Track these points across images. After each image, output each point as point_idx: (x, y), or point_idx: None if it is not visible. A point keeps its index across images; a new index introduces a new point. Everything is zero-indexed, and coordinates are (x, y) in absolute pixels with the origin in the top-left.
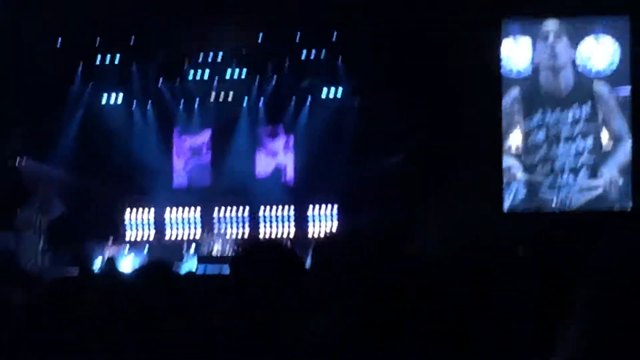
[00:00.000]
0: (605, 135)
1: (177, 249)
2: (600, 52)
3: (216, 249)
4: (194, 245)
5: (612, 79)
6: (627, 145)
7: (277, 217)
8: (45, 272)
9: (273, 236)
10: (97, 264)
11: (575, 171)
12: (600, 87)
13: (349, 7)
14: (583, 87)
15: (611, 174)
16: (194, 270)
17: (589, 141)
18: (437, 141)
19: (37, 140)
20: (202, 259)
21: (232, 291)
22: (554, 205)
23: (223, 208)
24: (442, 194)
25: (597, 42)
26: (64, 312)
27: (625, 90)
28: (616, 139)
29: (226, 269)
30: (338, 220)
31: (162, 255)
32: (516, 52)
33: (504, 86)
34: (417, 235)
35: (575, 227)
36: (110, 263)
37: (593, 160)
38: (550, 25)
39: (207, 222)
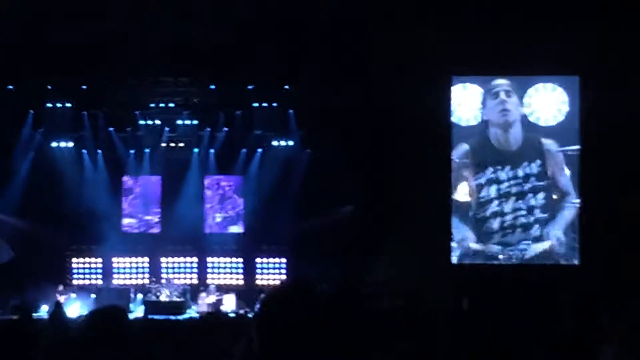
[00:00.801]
0: (553, 192)
1: (124, 294)
2: (548, 101)
3: (164, 295)
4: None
5: (560, 135)
6: (574, 202)
7: (225, 266)
8: None
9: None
10: (45, 309)
11: (524, 226)
12: (549, 144)
13: (301, 60)
14: (532, 144)
15: (559, 230)
16: (141, 315)
17: (539, 198)
18: (386, 194)
19: None
20: (149, 305)
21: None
22: (501, 258)
23: (171, 257)
24: (391, 246)
25: (546, 90)
26: (7, 356)
27: (574, 149)
28: (564, 196)
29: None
30: (286, 272)
31: (110, 301)
32: (465, 102)
33: (453, 139)
34: (365, 287)
35: (521, 279)
36: (58, 308)
37: (541, 216)
38: (500, 82)
39: (154, 269)
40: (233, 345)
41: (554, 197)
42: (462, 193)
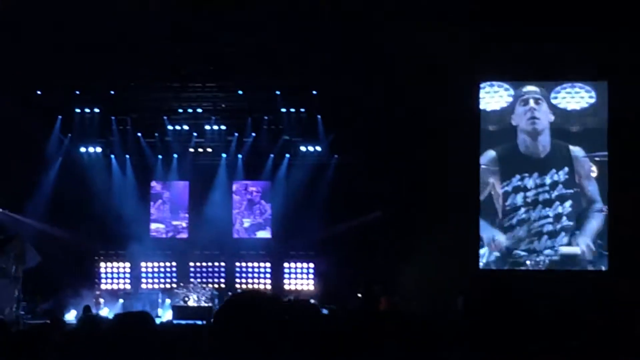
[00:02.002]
0: (581, 200)
1: (152, 299)
2: (577, 97)
3: (192, 300)
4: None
5: (589, 141)
6: (603, 208)
7: (253, 271)
8: (21, 321)
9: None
10: (73, 314)
11: (550, 234)
12: (577, 151)
13: (329, 65)
14: (560, 151)
15: (586, 237)
16: (169, 320)
17: (566, 205)
18: (415, 200)
19: (13, 190)
20: (177, 310)
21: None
22: (528, 264)
23: (199, 261)
24: (419, 251)
25: (574, 91)
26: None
27: (602, 154)
28: (591, 203)
29: (199, 320)
30: (314, 276)
31: (138, 306)
32: (496, 103)
33: (482, 144)
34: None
35: (548, 286)
36: (87, 312)
37: (568, 224)
38: (530, 89)
39: (183, 274)
40: None
41: (583, 204)
42: (490, 199)
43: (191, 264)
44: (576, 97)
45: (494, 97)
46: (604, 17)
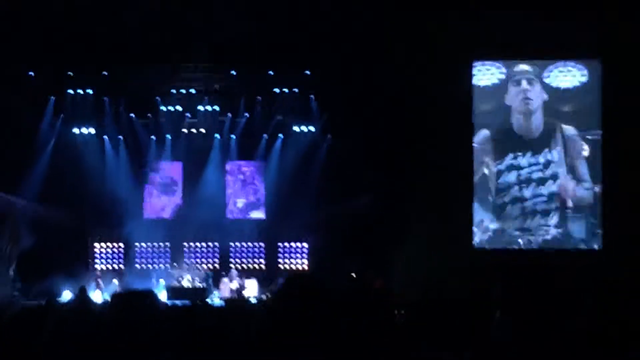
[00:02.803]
0: (573, 178)
1: (146, 279)
2: (570, 75)
3: (186, 281)
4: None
5: (582, 120)
6: (594, 187)
7: (247, 251)
8: (15, 302)
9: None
10: (67, 294)
11: (543, 212)
12: (569, 131)
13: (322, 45)
14: (553, 130)
15: (578, 215)
16: (164, 300)
17: (557, 183)
18: (408, 180)
19: (7, 171)
20: (171, 290)
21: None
22: (521, 242)
23: (193, 242)
24: (413, 232)
25: (567, 70)
26: (32, 341)
27: (596, 134)
28: (579, 182)
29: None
30: (308, 257)
31: (132, 286)
32: (489, 83)
33: (475, 123)
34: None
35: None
36: (82, 293)
37: (560, 202)
38: (523, 68)
39: (177, 254)
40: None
41: (574, 183)
42: (483, 178)
43: (185, 244)
44: (569, 75)
45: (486, 74)
46: None
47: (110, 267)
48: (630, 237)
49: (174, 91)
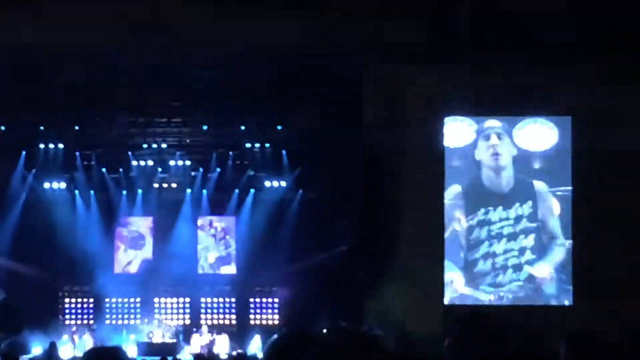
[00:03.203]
0: (543, 234)
1: (116, 335)
2: (541, 137)
3: (157, 336)
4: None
5: (552, 176)
6: (565, 243)
7: (218, 307)
8: None
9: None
10: (37, 350)
11: (515, 267)
12: (540, 186)
13: (294, 101)
14: (524, 185)
15: (548, 271)
16: (134, 356)
17: (530, 238)
18: (379, 234)
19: None
20: (142, 346)
21: None
22: (492, 299)
23: (164, 297)
24: (384, 286)
25: (537, 125)
26: None
27: (566, 189)
28: (552, 238)
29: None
30: (279, 311)
31: (102, 341)
32: (459, 135)
33: (446, 178)
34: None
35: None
36: (52, 349)
37: (532, 257)
38: (492, 124)
39: (147, 310)
40: None
41: (544, 238)
42: (454, 234)
43: (155, 299)
44: (539, 135)
45: (457, 132)
46: (567, 53)
47: (80, 322)
48: (600, 292)
49: (145, 146)
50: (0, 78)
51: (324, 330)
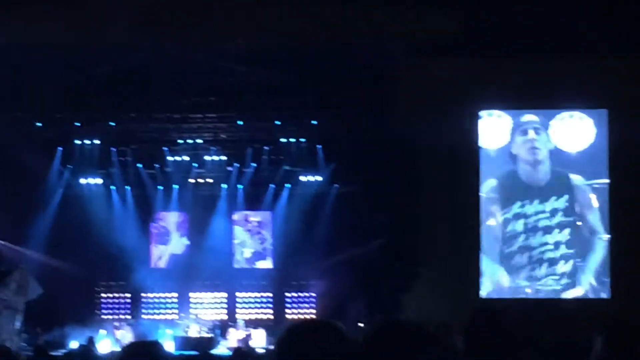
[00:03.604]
0: (583, 229)
1: (154, 330)
2: (577, 131)
3: (193, 331)
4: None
5: (589, 169)
6: (602, 236)
7: (254, 302)
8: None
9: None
10: (75, 344)
11: (550, 261)
12: (577, 180)
13: (329, 95)
14: (560, 179)
15: (589, 273)
16: (172, 351)
17: (565, 233)
18: (415, 228)
19: (15, 222)
20: (178, 340)
21: None
22: (529, 292)
23: (200, 292)
24: (420, 281)
25: (572, 119)
26: None
27: (603, 182)
28: (592, 232)
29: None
30: (315, 306)
31: (139, 337)
32: (496, 131)
33: (482, 172)
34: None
35: (548, 313)
36: (90, 343)
37: (567, 252)
38: (529, 118)
39: (183, 305)
40: None
41: (584, 234)
42: (490, 227)
43: (192, 294)
44: (576, 130)
45: (493, 130)
46: (603, 44)
47: (117, 317)
48: (638, 286)
49: (181, 141)
50: (37, 75)
51: (360, 324)
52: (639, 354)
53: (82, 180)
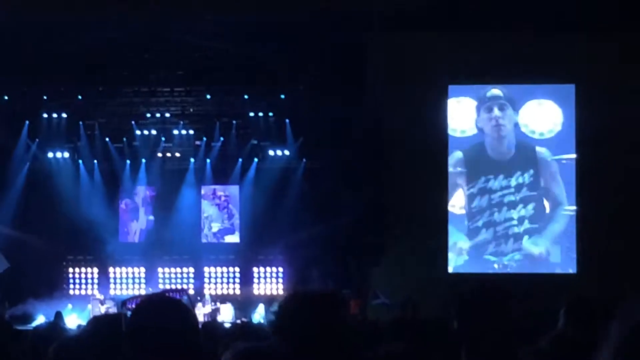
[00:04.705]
0: (546, 201)
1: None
2: (543, 116)
3: None
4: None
5: (554, 143)
6: (567, 210)
7: (221, 276)
8: None
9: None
10: (41, 319)
11: (515, 236)
12: (543, 153)
13: (298, 69)
14: (526, 153)
15: (551, 239)
16: None
17: (529, 208)
18: (383, 204)
19: None
20: None
21: None
22: (496, 267)
23: (168, 267)
24: (388, 256)
25: (540, 106)
26: None
27: (570, 157)
28: (557, 205)
29: None
30: (283, 281)
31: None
32: (460, 114)
33: (449, 148)
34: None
35: (515, 289)
36: (58, 318)
37: (530, 226)
38: (494, 93)
39: (151, 279)
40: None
41: (547, 206)
42: (457, 202)
43: (160, 269)
44: (544, 114)
45: (459, 107)
46: (570, 19)
47: (84, 292)
48: (604, 260)
49: (149, 115)
50: (4, 47)
51: None
52: (598, 327)
53: (50, 154)
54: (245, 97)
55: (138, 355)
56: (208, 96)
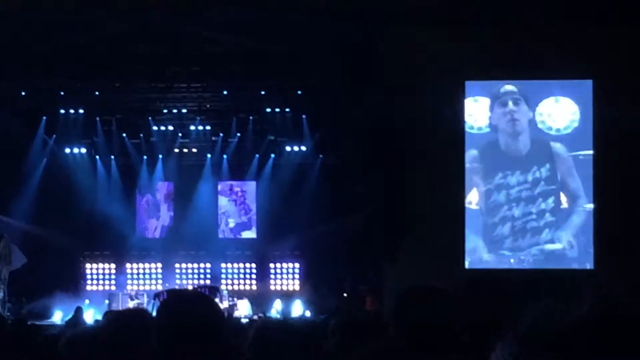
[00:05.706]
0: (564, 196)
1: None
2: (559, 112)
3: None
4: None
5: (571, 139)
6: (585, 206)
7: (238, 272)
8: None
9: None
10: (59, 315)
11: (534, 230)
12: (558, 148)
13: (314, 65)
14: (541, 148)
15: (570, 234)
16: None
17: (549, 202)
18: (400, 200)
19: None
20: None
21: None
22: (512, 262)
23: (185, 263)
24: (404, 252)
25: (557, 103)
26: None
27: (586, 153)
28: (574, 200)
29: None
30: (300, 276)
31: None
32: (476, 112)
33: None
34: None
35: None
36: (78, 313)
37: (551, 219)
38: (508, 89)
39: (168, 275)
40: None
41: (564, 201)
42: (472, 199)
43: (177, 265)
44: (561, 111)
45: (476, 106)
46: (588, 14)
47: (101, 288)
48: (622, 256)
49: (165, 111)
50: (21, 44)
51: (345, 295)
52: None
53: (67, 150)
54: (262, 92)
55: (167, 344)
56: (225, 92)
